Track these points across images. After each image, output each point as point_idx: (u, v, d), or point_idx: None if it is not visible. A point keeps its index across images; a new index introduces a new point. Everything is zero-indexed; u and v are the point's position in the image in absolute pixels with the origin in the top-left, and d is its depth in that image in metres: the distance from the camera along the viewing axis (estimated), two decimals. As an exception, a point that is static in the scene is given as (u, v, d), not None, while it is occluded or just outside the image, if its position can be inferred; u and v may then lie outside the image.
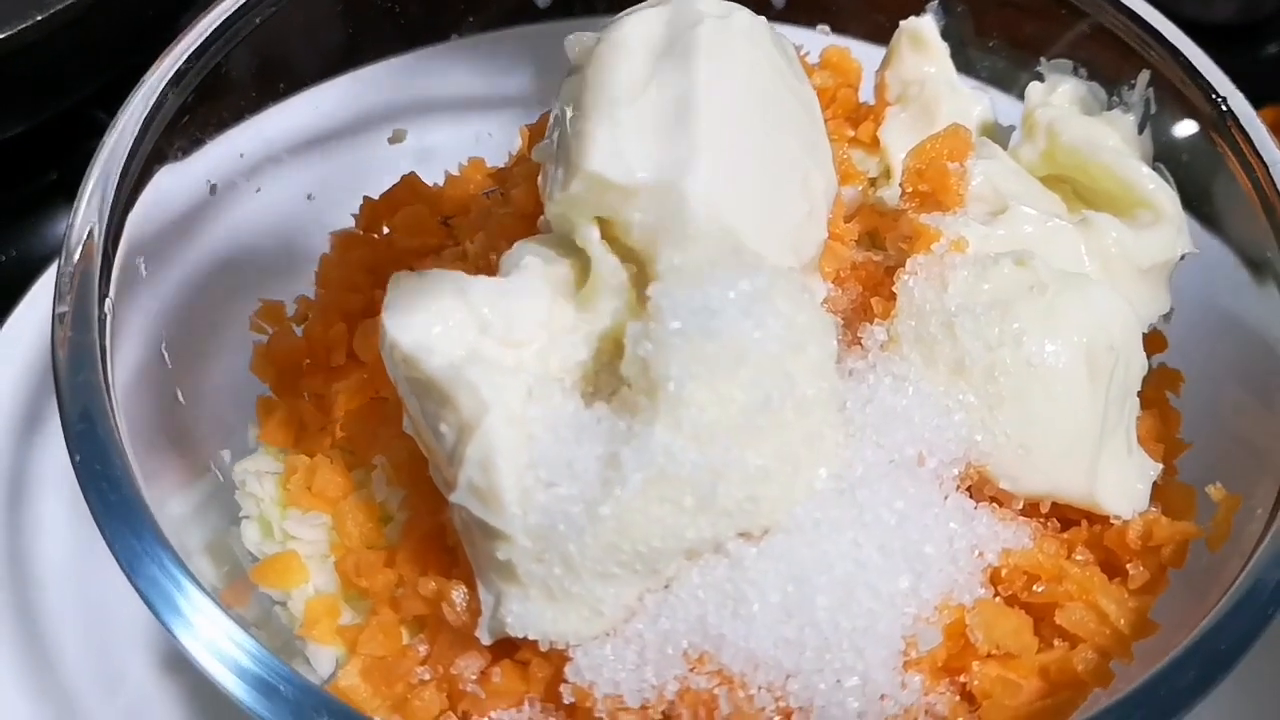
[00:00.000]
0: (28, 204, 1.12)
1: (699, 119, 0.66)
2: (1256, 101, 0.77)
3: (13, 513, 0.84)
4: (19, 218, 1.11)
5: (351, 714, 0.56)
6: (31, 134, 1.06)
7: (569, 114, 0.66)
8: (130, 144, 0.69)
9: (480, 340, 0.61)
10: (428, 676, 0.64)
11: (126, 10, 1.01)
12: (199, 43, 0.74)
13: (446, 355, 0.59)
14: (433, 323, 0.60)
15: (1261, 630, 0.56)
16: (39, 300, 0.89)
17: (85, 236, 0.66)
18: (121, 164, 0.68)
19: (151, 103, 0.71)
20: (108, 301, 0.65)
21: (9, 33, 0.91)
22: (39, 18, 0.92)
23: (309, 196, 0.87)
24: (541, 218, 0.69)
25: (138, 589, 0.57)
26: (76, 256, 0.65)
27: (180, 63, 0.73)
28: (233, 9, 0.76)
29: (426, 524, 0.66)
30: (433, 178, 0.86)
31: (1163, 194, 0.75)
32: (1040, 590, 0.63)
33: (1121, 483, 0.67)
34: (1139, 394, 0.70)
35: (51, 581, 0.82)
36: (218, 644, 0.56)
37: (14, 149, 1.06)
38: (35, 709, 0.77)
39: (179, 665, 0.80)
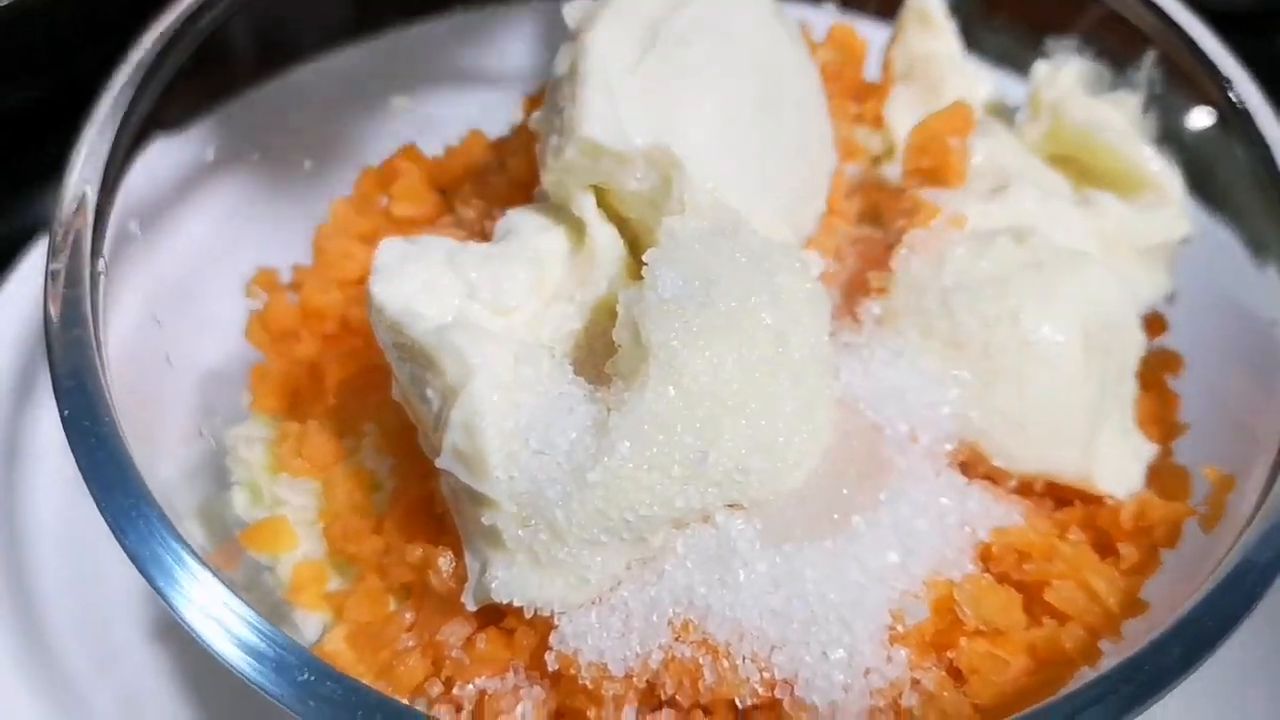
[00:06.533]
0: (25, 177, 1.11)
1: (697, 89, 0.65)
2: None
3: (3, 484, 0.84)
4: (16, 190, 1.10)
5: (337, 675, 0.55)
6: (30, 107, 1.05)
7: (566, 81, 0.66)
8: (126, 105, 0.69)
9: (468, 305, 0.61)
10: (413, 643, 0.63)
11: (128, -18, 1.00)
12: (195, 6, 0.73)
13: (432, 319, 0.59)
14: (419, 287, 0.60)
15: (1249, 609, 0.55)
16: (31, 273, 0.88)
17: (79, 195, 0.65)
18: (116, 125, 0.68)
19: (148, 64, 0.71)
20: (101, 260, 0.65)
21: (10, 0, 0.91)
22: (41, -14, 0.92)
23: (307, 165, 0.86)
24: (538, 187, 0.68)
25: (124, 546, 0.57)
26: (70, 214, 0.65)
27: (176, 26, 0.72)
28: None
29: (415, 492, 0.66)
30: (432, 149, 0.85)
31: (1166, 175, 0.75)
32: (1031, 568, 0.62)
33: (1117, 463, 0.66)
34: (1138, 376, 0.70)
35: (43, 553, 0.81)
36: (205, 605, 0.56)
37: (14, 121, 1.06)
38: (29, 682, 0.77)
39: (169, 634, 0.80)
